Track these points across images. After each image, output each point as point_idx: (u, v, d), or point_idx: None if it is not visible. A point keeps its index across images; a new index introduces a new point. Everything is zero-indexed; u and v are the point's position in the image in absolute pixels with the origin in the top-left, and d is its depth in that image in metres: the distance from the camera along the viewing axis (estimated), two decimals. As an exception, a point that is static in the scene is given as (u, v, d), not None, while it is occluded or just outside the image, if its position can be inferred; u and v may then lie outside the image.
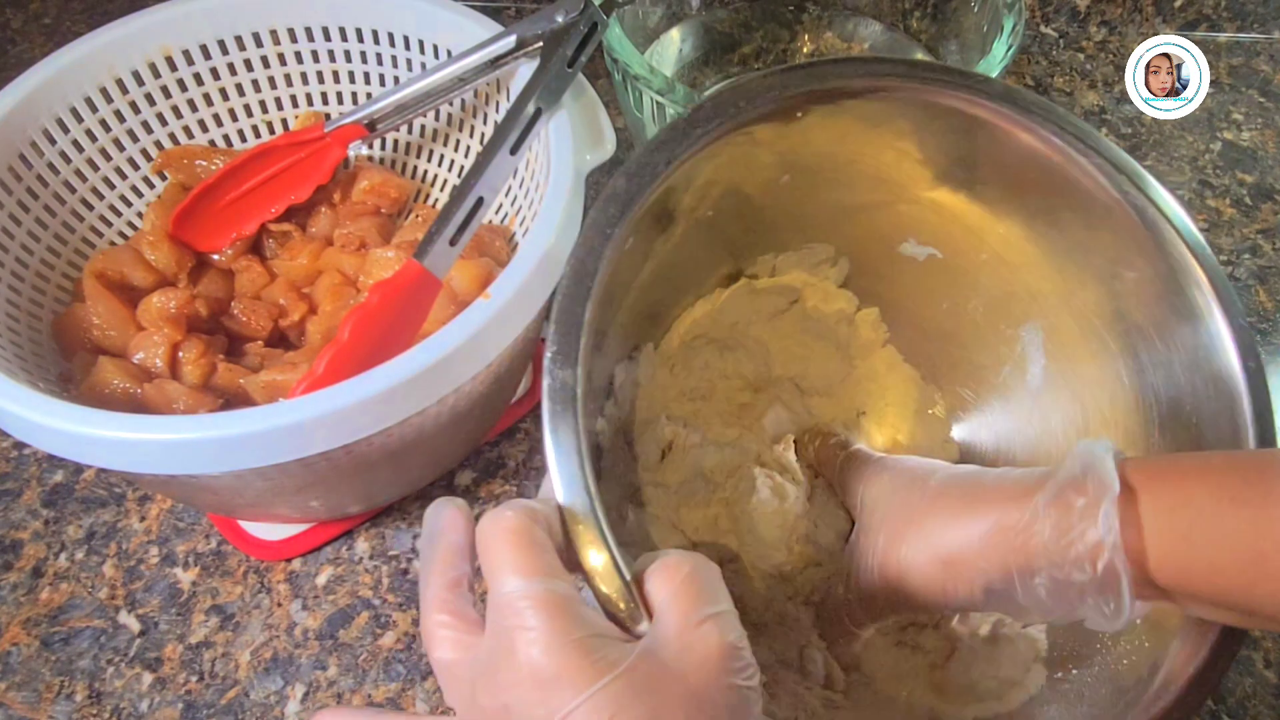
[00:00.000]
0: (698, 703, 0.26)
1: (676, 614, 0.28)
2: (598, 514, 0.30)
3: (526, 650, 0.26)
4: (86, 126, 0.51)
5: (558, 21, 0.48)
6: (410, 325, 0.44)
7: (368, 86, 0.57)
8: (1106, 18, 0.78)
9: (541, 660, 0.26)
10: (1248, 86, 0.75)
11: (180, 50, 0.53)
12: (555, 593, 0.27)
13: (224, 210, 0.54)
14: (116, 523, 0.53)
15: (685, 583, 0.28)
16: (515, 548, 0.28)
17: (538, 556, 0.28)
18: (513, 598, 0.27)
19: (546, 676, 0.26)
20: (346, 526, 0.52)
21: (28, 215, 0.49)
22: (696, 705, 0.26)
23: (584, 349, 0.33)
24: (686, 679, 0.26)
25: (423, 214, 0.57)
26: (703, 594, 0.28)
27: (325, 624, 0.49)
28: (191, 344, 0.48)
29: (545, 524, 0.29)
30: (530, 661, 0.26)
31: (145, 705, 0.47)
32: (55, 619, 0.49)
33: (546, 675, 0.26)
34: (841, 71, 0.41)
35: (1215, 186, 0.69)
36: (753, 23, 0.68)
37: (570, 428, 0.31)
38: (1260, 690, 0.48)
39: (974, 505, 0.35)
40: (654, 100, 0.53)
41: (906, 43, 0.66)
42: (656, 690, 0.26)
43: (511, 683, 0.26)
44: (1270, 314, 0.62)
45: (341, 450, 0.39)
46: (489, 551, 0.29)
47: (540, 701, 0.26)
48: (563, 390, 0.32)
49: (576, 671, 0.26)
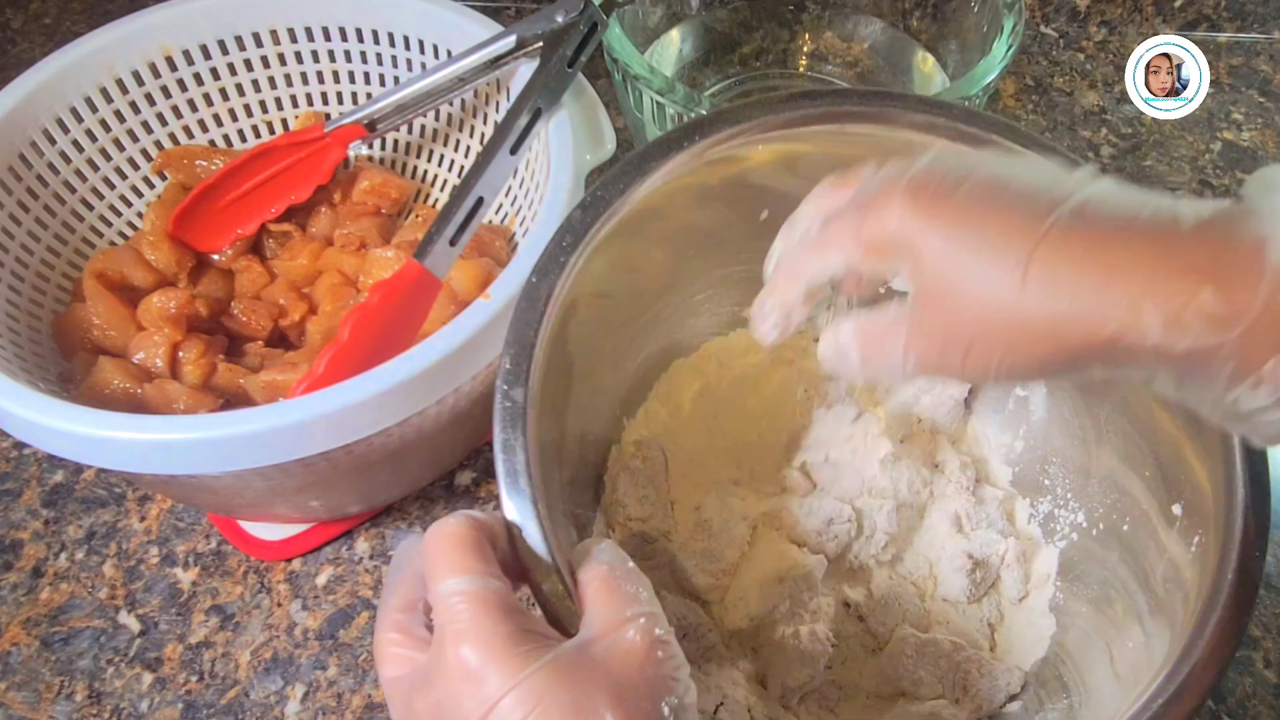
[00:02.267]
0: (620, 691, 0.26)
1: (600, 612, 0.28)
2: (541, 522, 0.32)
3: (456, 644, 0.27)
4: (86, 126, 0.51)
5: (558, 21, 0.48)
6: (410, 325, 0.44)
7: (368, 86, 0.57)
8: (1106, 18, 0.78)
9: (470, 653, 0.26)
10: (1248, 86, 0.75)
11: (180, 50, 0.53)
12: (488, 589, 0.28)
13: (224, 210, 0.54)
14: (116, 523, 0.53)
15: (606, 577, 0.29)
16: (454, 550, 0.29)
17: (476, 558, 0.29)
18: (446, 594, 0.28)
19: (474, 668, 0.26)
20: (346, 526, 0.52)
21: (28, 215, 0.49)
22: (619, 693, 0.26)
23: (535, 368, 0.35)
24: (611, 670, 0.27)
25: (423, 214, 0.57)
26: (623, 592, 0.29)
27: (325, 624, 0.49)
28: (191, 344, 0.48)
29: (489, 533, 0.30)
30: (459, 655, 0.27)
31: (145, 705, 0.47)
32: (55, 619, 0.49)
33: (474, 666, 0.26)
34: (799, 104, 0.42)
35: (1215, 186, 0.69)
36: (753, 23, 0.68)
37: (519, 444, 0.33)
38: (1260, 690, 0.48)
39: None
40: (654, 100, 0.53)
41: (906, 42, 0.66)
42: (581, 679, 0.26)
43: (443, 679, 0.27)
44: (1270, 314, 0.62)
45: (341, 450, 0.39)
46: (430, 555, 0.29)
47: (470, 694, 0.26)
48: (513, 408, 0.34)
49: (503, 662, 0.26)
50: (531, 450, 0.33)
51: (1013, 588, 0.45)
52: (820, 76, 0.68)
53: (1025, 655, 0.44)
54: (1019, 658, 0.44)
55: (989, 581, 0.46)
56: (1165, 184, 0.68)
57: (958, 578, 0.45)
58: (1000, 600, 0.46)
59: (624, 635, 0.27)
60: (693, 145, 0.40)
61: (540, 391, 0.35)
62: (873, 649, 0.45)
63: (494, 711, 0.25)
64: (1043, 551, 0.46)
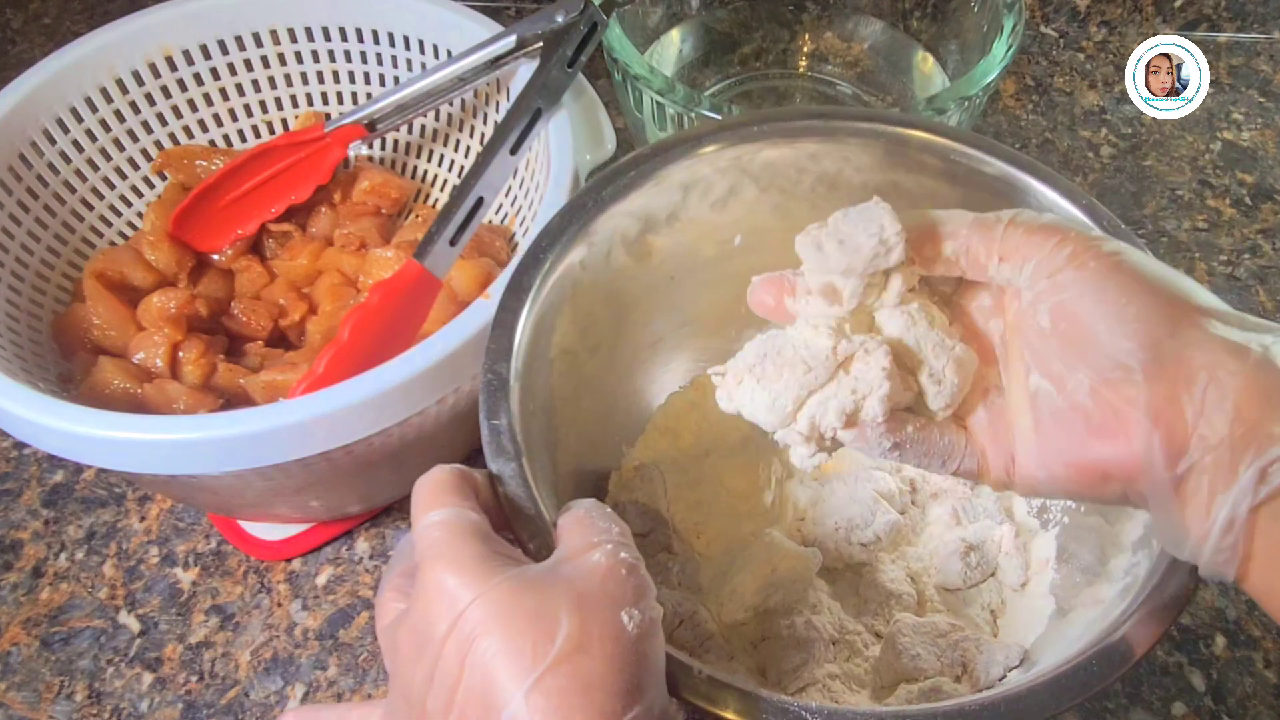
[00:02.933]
0: (579, 599, 0.27)
1: (569, 541, 0.30)
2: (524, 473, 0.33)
3: (430, 567, 0.28)
4: (86, 126, 0.51)
5: (558, 21, 0.48)
6: (410, 325, 0.44)
7: (368, 86, 0.57)
8: (1106, 18, 0.78)
9: (443, 571, 0.28)
10: (1248, 86, 0.75)
11: (180, 50, 0.53)
12: (463, 518, 0.29)
13: (224, 210, 0.54)
14: (116, 523, 0.52)
15: (581, 516, 0.31)
16: (435, 492, 0.30)
17: (455, 495, 0.30)
18: (425, 526, 0.29)
19: (446, 585, 0.27)
20: (346, 526, 0.52)
21: (28, 215, 0.49)
22: (579, 601, 0.27)
23: (518, 346, 0.37)
24: (574, 583, 0.28)
25: (423, 214, 0.57)
26: (595, 525, 0.30)
27: (325, 624, 0.49)
28: (191, 344, 0.49)
29: (472, 482, 0.32)
30: (433, 575, 0.28)
31: (145, 705, 0.47)
32: (55, 619, 0.49)
33: (446, 584, 0.27)
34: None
35: (1215, 186, 0.69)
36: (753, 23, 0.68)
37: (503, 409, 0.35)
38: (1260, 690, 0.48)
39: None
40: (654, 100, 0.53)
41: (907, 42, 0.66)
42: (544, 589, 0.27)
43: (419, 601, 0.28)
44: (1270, 314, 0.62)
45: (341, 450, 0.39)
46: (415, 501, 0.31)
47: (441, 609, 0.27)
48: (498, 379, 0.36)
49: (472, 576, 0.27)
50: (515, 415, 0.35)
51: (1013, 575, 0.46)
52: (820, 77, 0.69)
53: (1026, 634, 0.44)
54: (1019, 636, 0.44)
55: (986, 568, 0.46)
56: (1165, 184, 0.69)
57: (953, 562, 0.45)
58: (1001, 588, 0.46)
59: (590, 557, 0.29)
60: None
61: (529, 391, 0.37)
62: (872, 645, 0.45)
63: (460, 618, 0.27)
64: (1040, 538, 0.46)
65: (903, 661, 0.43)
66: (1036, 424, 0.31)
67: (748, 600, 0.43)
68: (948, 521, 0.47)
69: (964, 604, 0.46)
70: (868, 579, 0.46)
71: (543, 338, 0.40)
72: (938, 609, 0.45)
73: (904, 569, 0.47)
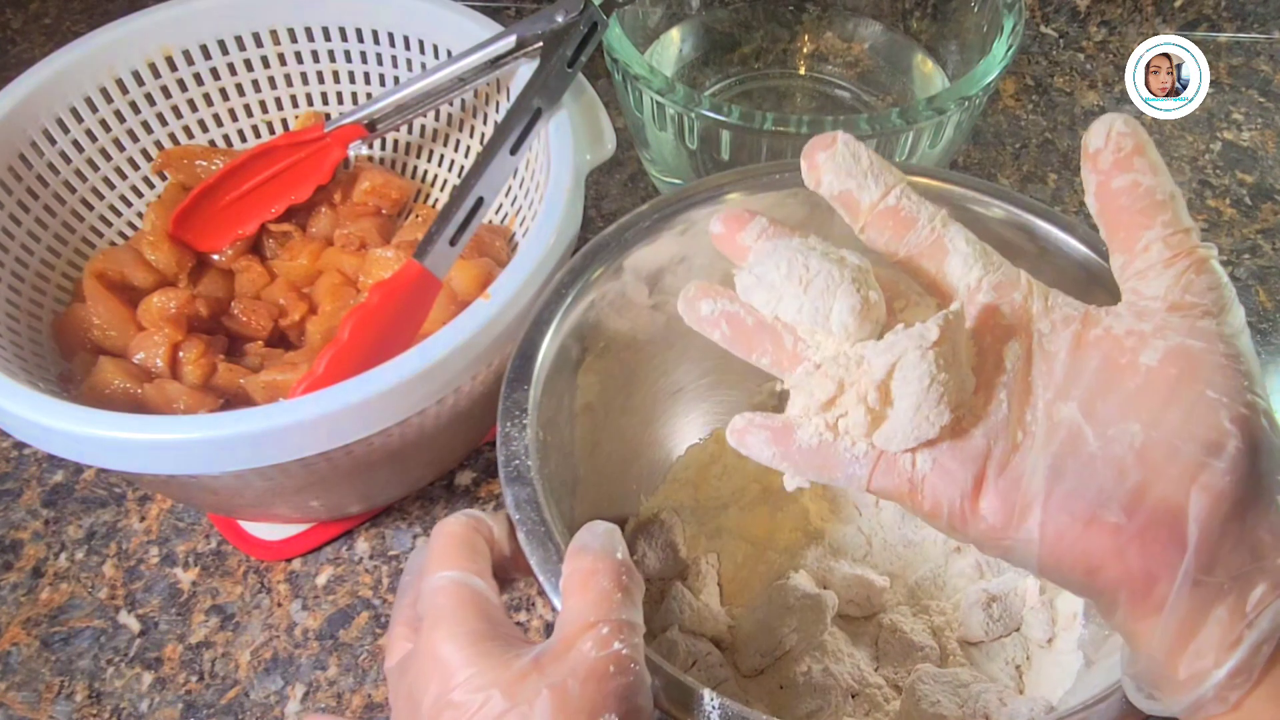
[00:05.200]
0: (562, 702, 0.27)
1: (569, 614, 0.29)
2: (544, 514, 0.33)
3: (430, 631, 0.29)
4: (86, 126, 0.51)
5: (558, 21, 0.48)
6: (410, 325, 0.44)
7: (368, 86, 0.57)
8: (1106, 18, 0.78)
9: (441, 641, 0.29)
10: (1248, 86, 0.75)
11: (180, 50, 0.53)
12: (468, 585, 0.30)
13: (224, 210, 0.54)
14: (116, 523, 0.53)
15: (588, 571, 0.30)
16: (447, 548, 0.31)
17: (464, 557, 0.31)
18: (430, 588, 0.30)
19: (441, 655, 0.28)
20: (346, 526, 0.52)
21: (28, 215, 0.49)
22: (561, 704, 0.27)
23: (538, 372, 0.38)
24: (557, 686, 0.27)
25: (423, 214, 0.57)
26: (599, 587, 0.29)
27: (325, 624, 0.49)
28: (192, 344, 0.48)
29: (486, 532, 0.33)
30: (430, 641, 0.29)
31: (145, 705, 0.47)
32: (55, 619, 0.49)
33: (442, 655, 0.28)
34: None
35: (1215, 186, 0.69)
36: (753, 23, 0.68)
37: (520, 440, 0.35)
38: (1260, 690, 0.48)
39: None
40: (654, 100, 0.53)
41: (906, 42, 0.66)
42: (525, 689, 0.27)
43: (416, 662, 0.29)
44: (1270, 314, 0.62)
45: (341, 450, 0.39)
46: (431, 547, 0.32)
47: (432, 684, 0.28)
48: (516, 408, 0.36)
49: (464, 657, 0.28)
50: (532, 446, 0.35)
51: (1038, 629, 0.44)
52: (820, 77, 0.69)
53: (1053, 690, 0.43)
54: (1046, 692, 0.43)
55: (1010, 621, 0.45)
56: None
57: (975, 613, 0.44)
58: (1027, 644, 0.45)
59: (580, 646, 0.28)
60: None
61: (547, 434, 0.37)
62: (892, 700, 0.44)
63: (447, 695, 0.27)
64: (1067, 593, 0.45)
65: (922, 708, 0.42)
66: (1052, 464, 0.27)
67: (762, 643, 0.43)
68: (970, 574, 0.46)
69: (987, 658, 0.45)
70: (888, 630, 0.45)
71: (564, 383, 0.40)
72: (960, 663, 0.45)
73: (926, 623, 0.46)
